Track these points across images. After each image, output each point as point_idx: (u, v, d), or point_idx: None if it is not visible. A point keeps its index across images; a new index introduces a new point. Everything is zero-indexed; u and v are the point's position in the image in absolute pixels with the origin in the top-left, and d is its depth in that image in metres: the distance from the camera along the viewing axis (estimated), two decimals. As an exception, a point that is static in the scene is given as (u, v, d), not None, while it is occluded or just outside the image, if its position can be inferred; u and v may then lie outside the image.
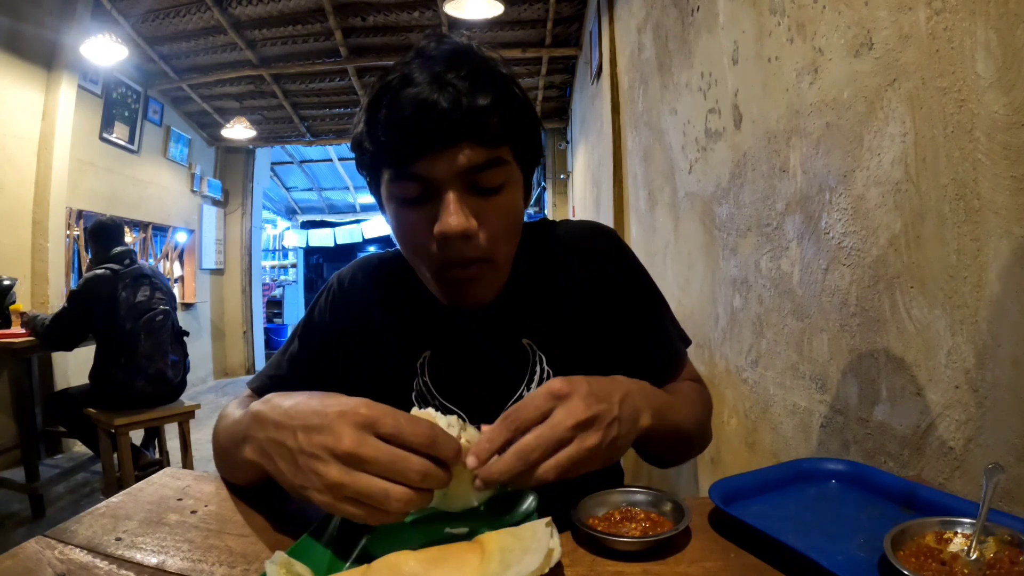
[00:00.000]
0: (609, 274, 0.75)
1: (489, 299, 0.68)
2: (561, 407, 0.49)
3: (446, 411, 0.73)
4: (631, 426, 0.53)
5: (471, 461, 0.47)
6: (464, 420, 0.52)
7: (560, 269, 0.76)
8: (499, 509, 0.54)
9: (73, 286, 3.36)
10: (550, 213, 6.70)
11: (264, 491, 0.58)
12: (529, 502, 0.53)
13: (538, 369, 0.73)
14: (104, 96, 4.44)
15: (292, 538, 0.51)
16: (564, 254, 0.76)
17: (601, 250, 0.77)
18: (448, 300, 0.68)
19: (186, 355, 2.97)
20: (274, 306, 9.86)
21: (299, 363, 0.78)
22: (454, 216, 0.59)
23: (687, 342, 0.82)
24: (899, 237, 0.82)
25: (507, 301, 0.72)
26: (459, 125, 0.58)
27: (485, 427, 0.50)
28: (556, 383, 0.50)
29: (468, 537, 0.49)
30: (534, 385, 0.73)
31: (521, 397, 0.73)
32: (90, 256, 2.82)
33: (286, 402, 0.50)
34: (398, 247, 0.72)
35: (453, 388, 0.74)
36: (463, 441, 0.48)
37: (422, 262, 0.66)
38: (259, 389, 0.77)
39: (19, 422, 2.95)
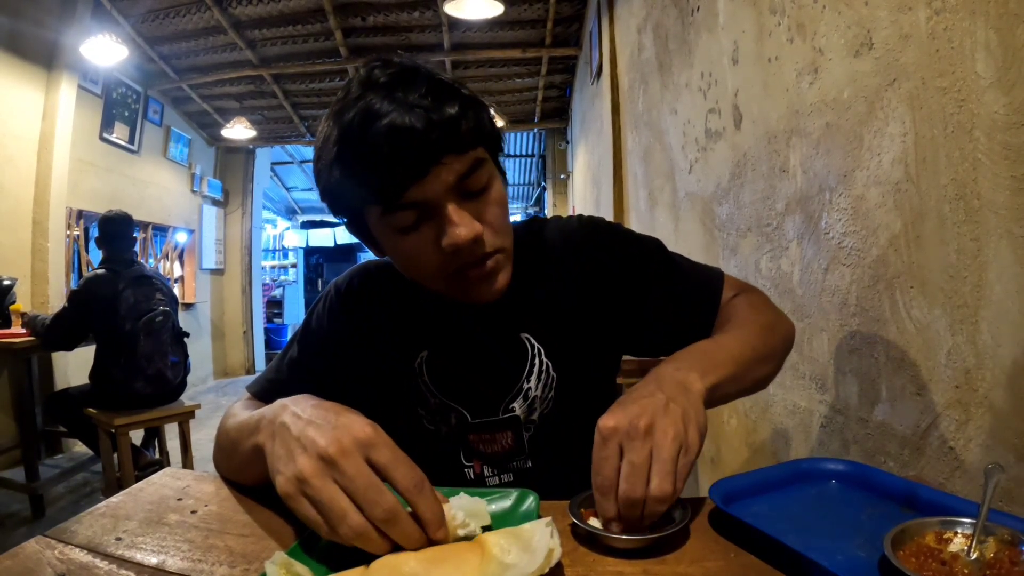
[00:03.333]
0: (602, 264, 0.76)
1: (506, 286, 0.68)
2: (620, 440, 0.49)
3: (447, 409, 0.74)
4: (686, 396, 0.54)
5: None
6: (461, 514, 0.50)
7: (553, 266, 0.77)
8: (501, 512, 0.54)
9: (73, 286, 3.35)
10: (550, 213, 6.69)
11: (265, 491, 0.58)
12: (529, 502, 0.53)
13: (537, 362, 0.75)
14: (104, 96, 4.44)
15: (292, 538, 0.51)
16: (554, 251, 0.78)
17: (592, 242, 0.78)
18: (469, 298, 0.68)
19: (186, 356, 2.96)
20: (274, 306, 9.85)
21: (299, 368, 0.78)
22: (460, 227, 0.60)
23: (715, 270, 0.79)
24: (899, 237, 0.82)
25: (504, 297, 0.73)
26: (438, 142, 0.59)
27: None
28: (600, 423, 0.51)
29: (468, 537, 0.49)
30: (533, 377, 0.74)
31: (521, 390, 0.74)
32: (102, 255, 2.81)
33: (311, 401, 0.53)
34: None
35: (453, 385, 0.75)
36: (458, 522, 0.47)
37: (436, 277, 0.66)
38: (259, 393, 0.78)
39: (19, 422, 2.95)
